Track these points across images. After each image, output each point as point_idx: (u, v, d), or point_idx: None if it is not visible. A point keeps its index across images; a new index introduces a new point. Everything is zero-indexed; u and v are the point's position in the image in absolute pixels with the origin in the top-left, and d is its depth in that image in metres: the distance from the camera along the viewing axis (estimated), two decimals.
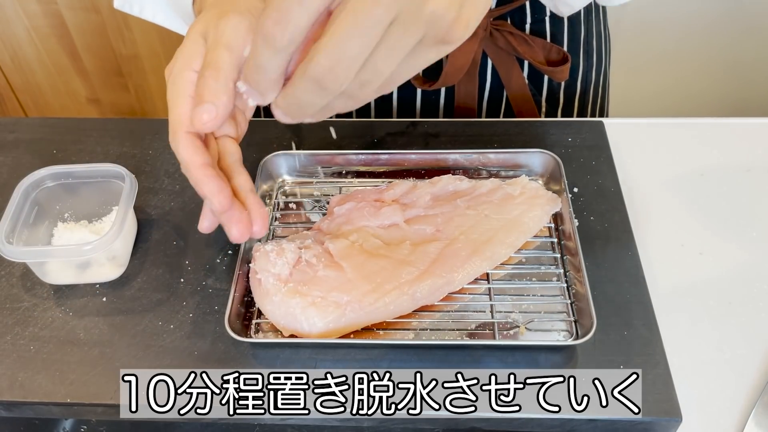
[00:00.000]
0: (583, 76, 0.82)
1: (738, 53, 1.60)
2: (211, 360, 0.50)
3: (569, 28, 0.77)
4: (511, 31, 0.71)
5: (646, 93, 1.69)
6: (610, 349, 0.49)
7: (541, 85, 0.79)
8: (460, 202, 0.56)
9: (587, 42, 0.80)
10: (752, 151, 0.67)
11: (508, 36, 0.71)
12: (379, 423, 0.48)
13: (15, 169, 0.65)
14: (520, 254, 0.56)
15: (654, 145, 0.68)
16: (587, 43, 0.80)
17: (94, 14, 1.43)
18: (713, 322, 0.54)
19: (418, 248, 0.53)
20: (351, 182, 0.63)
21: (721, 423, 0.49)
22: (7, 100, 1.57)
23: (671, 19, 1.54)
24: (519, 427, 0.48)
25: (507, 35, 0.71)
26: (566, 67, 0.73)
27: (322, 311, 0.49)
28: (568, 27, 0.77)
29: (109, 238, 0.52)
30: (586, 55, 0.81)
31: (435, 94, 0.77)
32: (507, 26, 0.72)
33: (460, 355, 0.49)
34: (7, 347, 0.51)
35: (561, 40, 0.77)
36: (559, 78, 0.75)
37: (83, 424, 0.65)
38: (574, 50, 0.79)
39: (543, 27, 0.75)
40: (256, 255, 0.52)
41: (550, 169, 0.61)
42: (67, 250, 0.53)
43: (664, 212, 0.62)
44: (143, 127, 0.69)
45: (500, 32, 0.71)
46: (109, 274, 0.55)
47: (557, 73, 0.74)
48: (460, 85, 0.75)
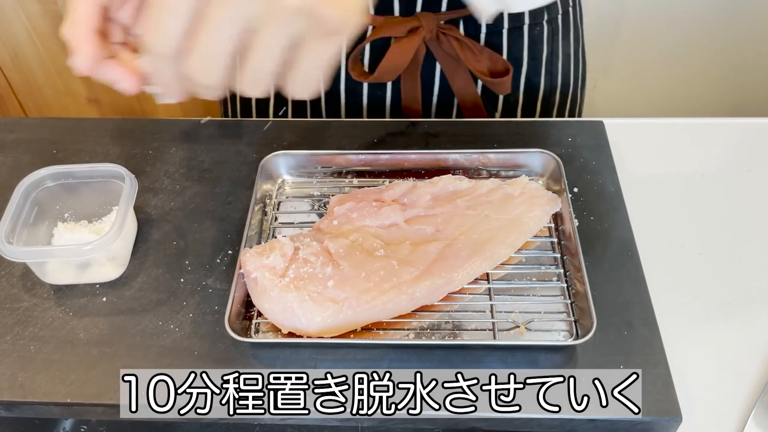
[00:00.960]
0: (545, 96, 0.80)
1: (737, 54, 1.60)
2: (211, 360, 0.50)
3: (530, 45, 0.75)
4: (457, 36, 0.70)
5: (647, 93, 1.69)
6: (610, 349, 0.49)
7: (496, 99, 0.78)
8: (460, 202, 0.56)
9: (551, 62, 0.78)
10: (752, 151, 0.67)
11: (453, 41, 0.70)
12: (379, 423, 0.48)
13: (15, 169, 0.65)
14: (520, 254, 0.56)
15: (654, 145, 0.68)
16: (551, 63, 0.78)
17: None
18: (713, 322, 0.54)
19: (418, 248, 0.53)
20: (351, 182, 0.63)
21: (721, 423, 0.49)
22: (7, 100, 1.57)
23: (671, 20, 1.54)
24: (519, 427, 0.48)
25: (452, 40, 0.70)
26: (507, 79, 0.71)
27: (320, 306, 0.49)
28: (529, 44, 0.75)
29: (109, 238, 0.52)
30: (549, 76, 0.79)
31: (381, 90, 0.77)
32: (455, 32, 0.71)
33: (460, 355, 0.49)
34: (7, 347, 0.51)
35: (520, 56, 0.75)
36: (499, 90, 0.74)
37: (83, 424, 0.65)
38: (534, 69, 0.77)
39: (500, 39, 0.74)
40: (243, 258, 0.52)
41: (550, 169, 0.61)
42: (67, 250, 0.53)
43: (664, 212, 0.62)
44: (143, 127, 0.69)
45: (447, 36, 0.70)
46: (109, 274, 0.55)
47: (497, 85, 0.72)
48: (405, 83, 0.75)
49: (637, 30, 1.57)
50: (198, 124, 0.69)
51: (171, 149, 0.67)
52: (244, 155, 0.65)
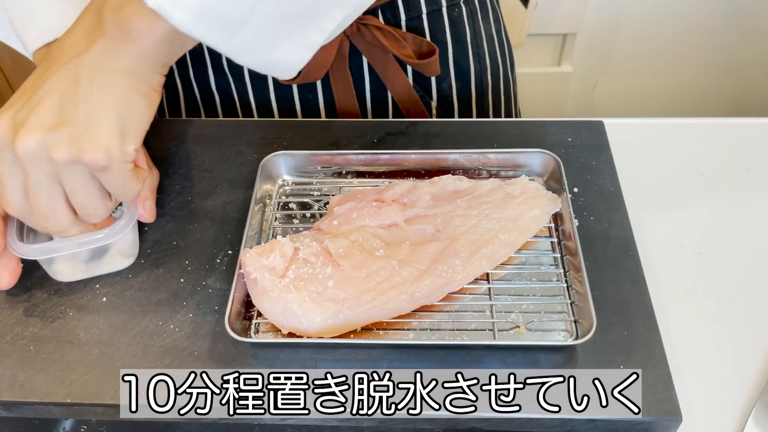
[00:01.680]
0: (477, 79, 0.80)
1: (737, 53, 1.60)
2: (211, 360, 0.50)
3: (451, 27, 0.75)
4: (378, 25, 0.70)
5: (646, 93, 1.69)
6: (610, 349, 0.49)
7: (429, 87, 0.78)
8: (460, 202, 0.56)
9: (476, 44, 0.79)
10: (752, 151, 0.67)
11: (375, 30, 0.70)
12: (379, 423, 0.48)
13: None
14: (520, 254, 0.56)
15: (654, 145, 0.68)
16: (476, 44, 0.79)
17: None
18: (713, 322, 0.54)
19: (418, 248, 0.53)
20: (351, 182, 0.63)
21: (721, 423, 0.49)
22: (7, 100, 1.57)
23: (671, 20, 1.54)
24: (519, 427, 0.48)
25: (374, 30, 0.70)
26: (434, 59, 0.71)
27: (320, 306, 0.49)
28: (450, 25, 0.75)
29: (122, 226, 0.52)
30: (477, 57, 0.79)
31: (312, 93, 0.76)
32: (374, 21, 0.70)
33: (460, 355, 0.49)
34: (7, 347, 0.51)
35: (443, 39, 0.75)
36: (429, 72, 0.73)
37: (83, 424, 0.65)
38: (461, 51, 0.77)
39: (420, 24, 0.74)
40: (243, 259, 0.52)
41: (550, 169, 0.61)
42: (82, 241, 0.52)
43: (664, 212, 0.62)
44: None
45: (367, 27, 0.70)
46: (120, 264, 0.55)
47: (425, 66, 0.72)
48: (336, 82, 0.74)
49: (637, 30, 1.57)
50: (198, 124, 0.69)
51: (171, 149, 0.67)
52: (244, 155, 0.65)
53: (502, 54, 0.84)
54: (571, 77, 1.66)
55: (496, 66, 0.83)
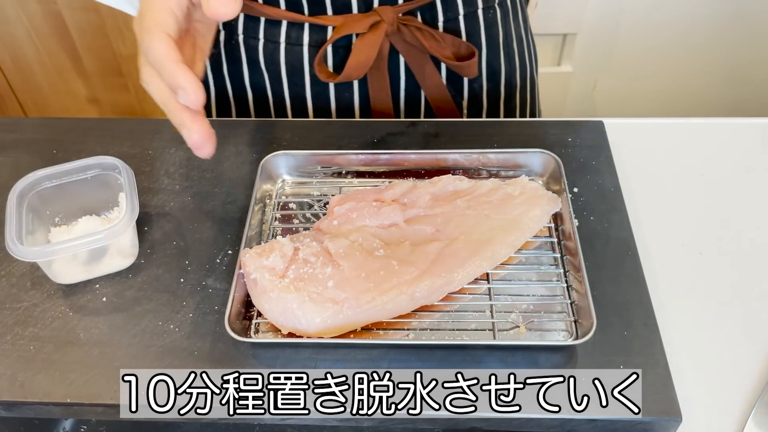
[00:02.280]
0: (507, 79, 0.81)
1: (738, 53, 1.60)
2: (211, 360, 0.50)
3: (486, 29, 0.76)
4: (418, 26, 0.71)
5: (647, 93, 1.69)
6: (610, 349, 0.49)
7: (461, 86, 0.78)
8: (460, 202, 0.56)
9: (507, 44, 0.80)
10: (752, 151, 0.67)
11: (415, 31, 0.71)
12: (379, 423, 0.48)
13: (15, 169, 0.65)
14: (520, 254, 0.56)
15: (654, 145, 0.68)
16: (507, 45, 0.80)
17: (94, 14, 1.43)
18: (713, 322, 0.54)
19: (417, 248, 0.53)
20: (351, 182, 0.63)
21: (721, 423, 0.49)
22: (7, 100, 1.57)
23: (671, 20, 1.54)
24: (519, 427, 0.48)
25: (414, 30, 0.71)
26: (473, 61, 0.72)
27: (320, 306, 0.49)
28: (485, 27, 0.76)
29: (123, 224, 0.52)
30: (507, 58, 0.80)
31: (348, 91, 0.77)
32: (415, 21, 0.71)
33: (460, 355, 0.49)
34: (7, 347, 0.51)
35: (478, 41, 0.76)
36: (467, 74, 0.75)
37: (83, 424, 0.65)
38: (494, 52, 0.78)
39: (457, 25, 0.75)
40: (243, 259, 0.52)
41: (550, 169, 0.61)
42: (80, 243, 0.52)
43: (664, 212, 0.62)
44: (143, 127, 0.69)
45: (408, 27, 0.71)
46: (120, 264, 0.55)
47: (464, 68, 0.73)
48: (372, 80, 0.75)
49: (637, 30, 1.57)
50: None
51: (171, 149, 0.67)
52: (244, 155, 0.65)
53: (529, 54, 0.85)
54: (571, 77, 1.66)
55: (524, 66, 0.84)
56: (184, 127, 0.49)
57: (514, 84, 0.82)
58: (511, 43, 0.80)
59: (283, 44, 0.74)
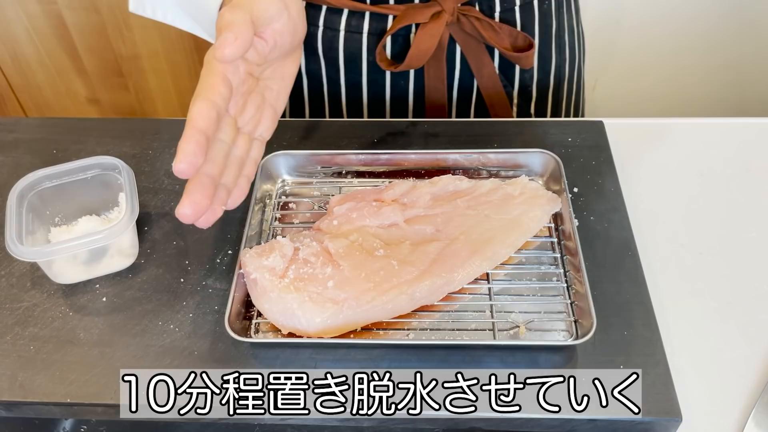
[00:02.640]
0: (557, 70, 0.82)
1: (737, 53, 1.60)
2: (211, 360, 0.50)
3: (540, 20, 0.77)
4: (477, 16, 0.72)
5: (647, 93, 1.69)
6: (610, 349, 0.49)
7: (513, 76, 0.79)
8: (460, 202, 0.56)
9: (559, 36, 0.80)
10: (752, 151, 0.67)
11: (474, 21, 0.72)
12: (379, 423, 0.48)
13: (15, 169, 0.65)
14: (520, 254, 0.56)
15: (654, 145, 0.68)
16: (559, 36, 0.80)
17: (94, 14, 1.43)
18: (713, 322, 0.54)
19: (417, 248, 0.53)
20: (351, 182, 0.63)
21: (721, 423, 0.49)
22: (7, 100, 1.57)
23: (671, 20, 1.54)
24: (519, 427, 0.48)
25: (474, 20, 0.72)
26: (531, 53, 0.73)
27: (320, 307, 0.49)
28: (539, 18, 0.77)
29: (123, 224, 0.52)
30: (558, 49, 0.81)
31: (404, 79, 0.77)
32: (474, 12, 0.72)
33: (460, 355, 0.49)
34: (7, 347, 0.51)
35: (532, 31, 0.77)
36: (524, 65, 0.75)
37: (83, 424, 0.65)
38: (546, 43, 0.79)
39: (513, 16, 0.75)
40: (243, 259, 0.52)
41: (550, 169, 0.61)
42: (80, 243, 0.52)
43: (664, 212, 0.62)
44: (143, 127, 0.69)
45: (467, 17, 0.72)
46: (120, 264, 0.55)
47: (523, 59, 0.74)
48: (429, 70, 0.76)
49: (637, 30, 1.57)
50: None
51: (171, 149, 0.67)
52: None
53: (579, 46, 0.86)
54: None
55: (573, 57, 0.84)
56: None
57: (562, 75, 0.83)
58: (563, 35, 0.81)
59: (343, 32, 0.75)
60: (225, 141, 0.48)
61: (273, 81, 0.54)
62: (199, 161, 0.44)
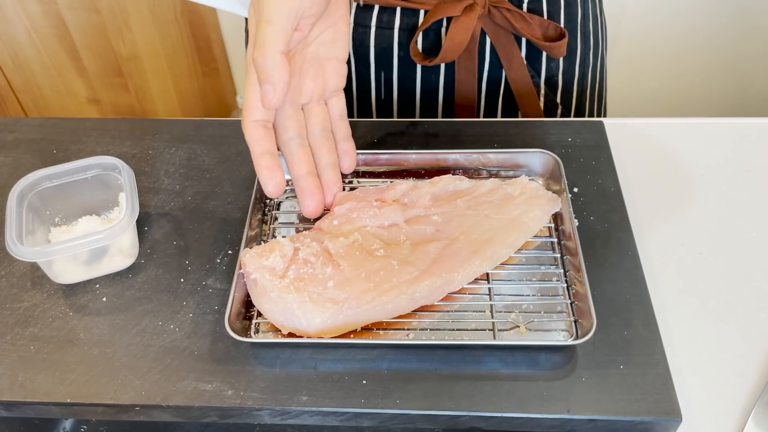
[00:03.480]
0: (582, 58, 0.82)
1: (738, 53, 1.60)
2: (211, 360, 0.50)
3: (566, 8, 0.78)
4: (508, 8, 0.73)
5: (646, 93, 1.69)
6: (610, 349, 0.49)
7: (540, 66, 0.79)
8: (460, 202, 0.56)
9: (584, 24, 0.81)
10: (752, 151, 0.67)
11: (505, 13, 0.73)
12: (379, 423, 0.48)
13: (15, 169, 0.65)
14: (520, 254, 0.56)
15: (654, 145, 0.68)
16: (584, 25, 0.81)
17: (94, 14, 1.43)
18: (713, 322, 0.54)
19: (418, 248, 0.53)
20: (351, 182, 0.63)
21: (721, 423, 0.49)
22: (7, 100, 1.57)
23: (671, 20, 1.54)
24: (519, 427, 0.48)
25: (505, 12, 0.73)
26: (563, 42, 0.74)
27: (320, 307, 0.49)
28: (565, 7, 0.78)
29: (123, 224, 0.52)
30: (583, 38, 0.81)
31: (435, 74, 0.78)
32: (505, 3, 0.73)
33: (460, 355, 0.49)
34: (7, 347, 0.51)
35: (558, 19, 0.78)
36: (556, 54, 0.76)
37: (83, 424, 0.65)
38: (572, 31, 0.80)
39: (540, 6, 0.76)
40: (243, 259, 0.52)
41: (550, 169, 0.61)
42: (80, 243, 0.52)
43: (664, 212, 0.62)
44: (143, 127, 0.69)
45: (498, 9, 0.73)
46: (120, 264, 0.55)
47: (554, 48, 0.75)
48: (460, 62, 0.76)
49: (637, 30, 1.57)
50: (199, 124, 0.69)
51: (171, 149, 0.67)
52: (244, 155, 0.65)
53: (602, 34, 0.86)
54: None
55: (597, 46, 0.85)
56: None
57: (587, 63, 0.84)
58: (587, 23, 0.82)
59: (374, 28, 0.75)
60: (292, 137, 0.53)
61: (324, 33, 0.54)
62: (279, 178, 0.52)
